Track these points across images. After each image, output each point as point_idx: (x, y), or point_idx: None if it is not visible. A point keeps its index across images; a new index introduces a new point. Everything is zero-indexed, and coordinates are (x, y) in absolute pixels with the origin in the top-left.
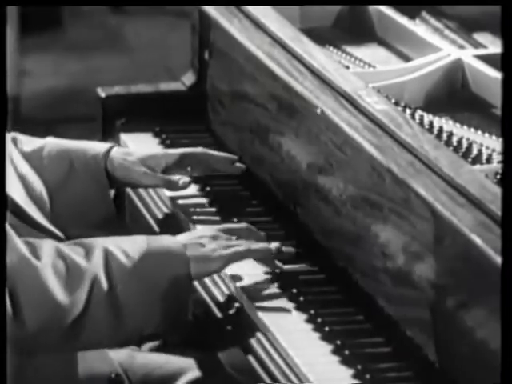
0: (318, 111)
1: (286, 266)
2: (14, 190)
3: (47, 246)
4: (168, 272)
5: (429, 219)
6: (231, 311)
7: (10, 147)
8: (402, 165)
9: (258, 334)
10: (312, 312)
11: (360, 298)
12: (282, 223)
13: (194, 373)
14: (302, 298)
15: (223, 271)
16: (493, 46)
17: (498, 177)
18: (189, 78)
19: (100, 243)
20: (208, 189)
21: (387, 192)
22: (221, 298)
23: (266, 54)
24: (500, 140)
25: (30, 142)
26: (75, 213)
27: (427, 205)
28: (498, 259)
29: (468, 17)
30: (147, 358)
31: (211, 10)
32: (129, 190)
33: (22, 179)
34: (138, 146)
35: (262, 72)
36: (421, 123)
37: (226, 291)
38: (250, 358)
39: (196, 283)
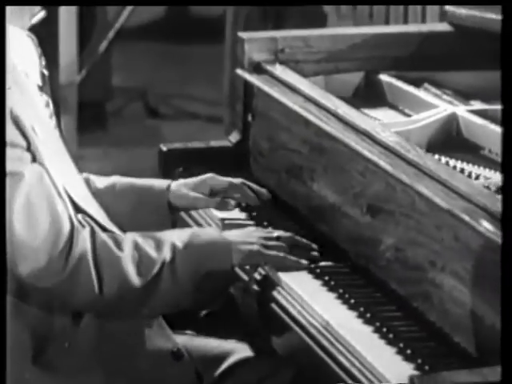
0: None
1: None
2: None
3: (128, 240)
4: (213, 260)
5: (429, 213)
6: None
7: None
8: (410, 175)
9: (300, 308)
10: (341, 291)
11: (377, 282)
12: (315, 239)
13: (241, 354)
14: (332, 282)
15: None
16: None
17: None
18: (234, 137)
19: (168, 238)
20: (254, 214)
21: (397, 200)
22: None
23: (300, 107)
24: (486, 170)
25: (101, 180)
26: None
27: (428, 201)
28: (485, 235)
29: (463, 87)
30: (204, 341)
31: (255, 81)
32: (183, 215)
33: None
34: None
35: (296, 123)
36: None
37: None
38: (296, 328)
39: None
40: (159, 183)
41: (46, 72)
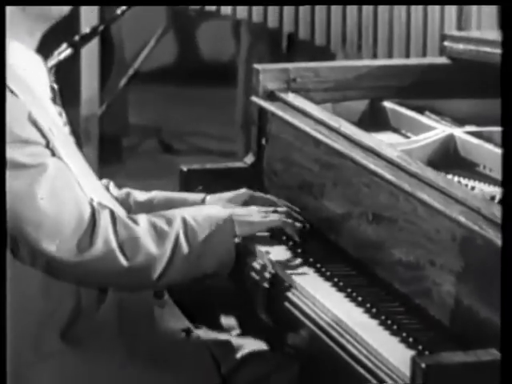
0: None
1: None
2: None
3: (142, 217)
4: (220, 231)
5: (429, 218)
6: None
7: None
8: (412, 184)
9: (312, 306)
10: (349, 290)
11: (382, 283)
12: (326, 247)
13: (253, 347)
14: (341, 283)
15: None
16: None
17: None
18: (249, 159)
19: (178, 214)
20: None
21: (400, 208)
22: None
23: (311, 128)
24: (481, 183)
25: (141, 194)
26: None
27: (428, 206)
28: (480, 234)
29: (460, 114)
30: (219, 334)
31: (269, 107)
32: None
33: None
34: None
35: (307, 143)
36: None
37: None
38: (309, 324)
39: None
40: (194, 196)
41: (55, 86)
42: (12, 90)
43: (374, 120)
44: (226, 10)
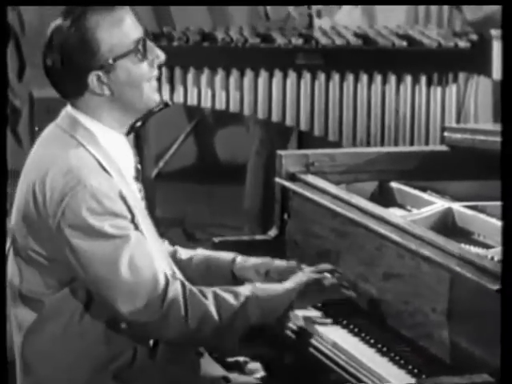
0: None
1: None
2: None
3: (209, 291)
4: (278, 305)
5: (431, 271)
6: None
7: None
8: (416, 244)
9: (333, 349)
10: (363, 335)
11: (390, 330)
12: (342, 303)
13: None
14: (356, 330)
15: None
16: None
17: None
18: (273, 232)
19: (244, 291)
20: None
21: (406, 266)
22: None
23: (328, 201)
24: (476, 247)
25: (185, 253)
26: None
27: (430, 262)
28: (474, 282)
29: (458, 194)
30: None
31: (291, 186)
32: None
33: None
34: None
35: (325, 216)
36: None
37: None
38: (329, 364)
39: None
40: (226, 255)
41: (139, 166)
42: (107, 170)
43: (382, 199)
44: (250, 110)
